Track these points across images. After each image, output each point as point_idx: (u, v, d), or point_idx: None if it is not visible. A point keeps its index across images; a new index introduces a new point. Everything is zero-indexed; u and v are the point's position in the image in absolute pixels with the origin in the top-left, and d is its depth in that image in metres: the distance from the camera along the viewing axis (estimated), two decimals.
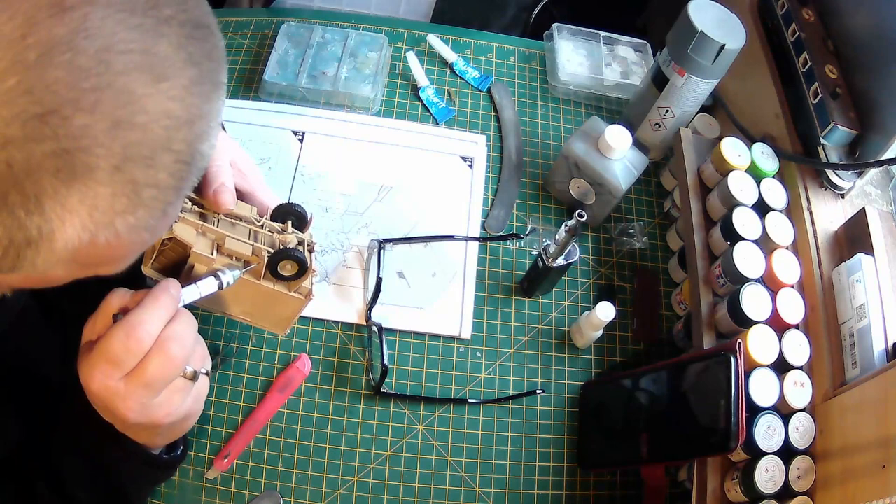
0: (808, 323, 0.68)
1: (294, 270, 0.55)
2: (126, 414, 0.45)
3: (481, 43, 1.00)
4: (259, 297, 0.57)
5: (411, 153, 0.88)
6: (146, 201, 0.33)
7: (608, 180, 0.78)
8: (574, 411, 0.76)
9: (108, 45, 0.30)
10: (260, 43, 0.95)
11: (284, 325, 0.61)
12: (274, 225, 0.58)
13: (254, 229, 0.57)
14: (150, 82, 0.31)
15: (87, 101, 0.29)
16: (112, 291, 0.47)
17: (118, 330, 0.44)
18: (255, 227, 0.57)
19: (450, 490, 0.70)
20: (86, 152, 0.30)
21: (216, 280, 0.52)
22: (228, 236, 0.54)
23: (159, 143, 0.32)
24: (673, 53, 0.77)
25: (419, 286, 0.79)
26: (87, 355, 0.45)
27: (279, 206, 0.59)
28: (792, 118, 0.79)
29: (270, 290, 0.56)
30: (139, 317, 0.44)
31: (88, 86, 0.29)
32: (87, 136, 0.30)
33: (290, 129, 0.87)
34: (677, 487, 0.72)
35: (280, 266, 0.55)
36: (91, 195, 0.31)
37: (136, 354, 0.44)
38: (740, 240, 0.69)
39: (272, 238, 0.57)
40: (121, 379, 0.44)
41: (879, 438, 0.55)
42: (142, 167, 0.32)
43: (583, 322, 0.76)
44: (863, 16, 0.74)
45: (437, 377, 0.75)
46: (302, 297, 0.58)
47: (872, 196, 0.74)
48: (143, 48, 0.31)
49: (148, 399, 0.46)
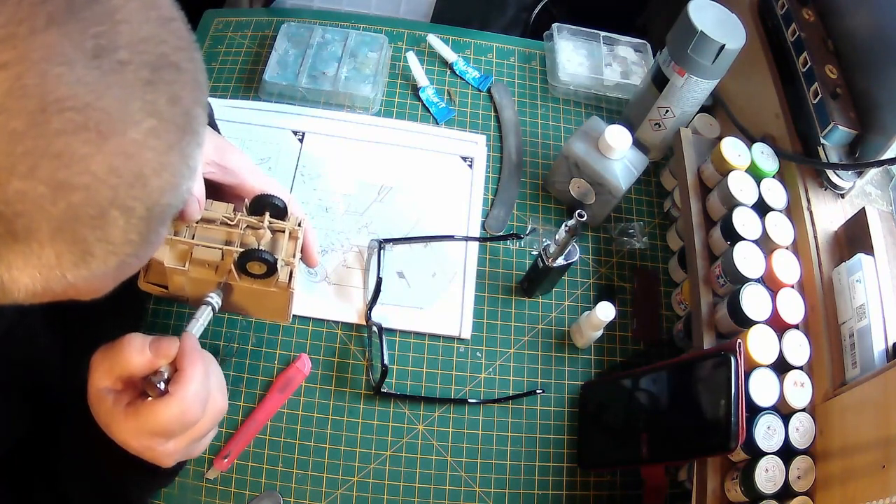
0: (808, 323, 0.68)
1: (263, 269, 0.55)
2: (167, 462, 0.47)
3: (481, 43, 1.00)
4: (245, 294, 0.58)
5: (411, 153, 0.88)
6: (100, 256, 0.32)
7: (608, 180, 0.78)
8: (574, 411, 0.76)
9: (44, 105, 0.27)
10: (260, 43, 0.95)
11: (283, 315, 0.62)
12: (250, 220, 0.57)
13: (226, 226, 0.57)
14: (93, 141, 0.29)
15: (22, 166, 0.28)
16: (128, 342, 0.46)
17: (172, 407, 0.45)
18: (229, 224, 0.57)
19: (450, 490, 0.70)
20: (23, 216, 0.29)
21: (210, 307, 0.54)
22: (196, 245, 0.54)
23: (107, 202, 0.30)
24: (673, 53, 0.77)
25: (419, 286, 0.79)
26: (124, 419, 0.45)
27: (255, 199, 0.58)
28: (792, 118, 0.79)
29: (250, 288, 0.57)
30: (189, 391, 0.46)
31: (23, 150, 0.28)
32: (24, 200, 0.28)
33: (290, 129, 0.87)
34: (677, 487, 0.72)
35: (249, 267, 0.55)
36: (34, 256, 0.30)
37: (189, 425, 0.46)
38: (740, 240, 0.69)
39: (247, 236, 0.57)
40: (169, 441, 0.46)
41: (879, 438, 0.55)
42: (89, 227, 0.31)
43: (583, 322, 0.76)
44: (863, 16, 0.74)
45: (437, 377, 0.75)
46: (284, 290, 0.57)
47: (872, 196, 0.74)
48: (85, 103, 0.28)
49: (193, 448, 0.48)
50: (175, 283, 0.56)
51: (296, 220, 0.59)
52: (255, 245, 0.56)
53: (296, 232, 0.58)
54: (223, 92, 0.90)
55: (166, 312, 0.75)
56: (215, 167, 0.58)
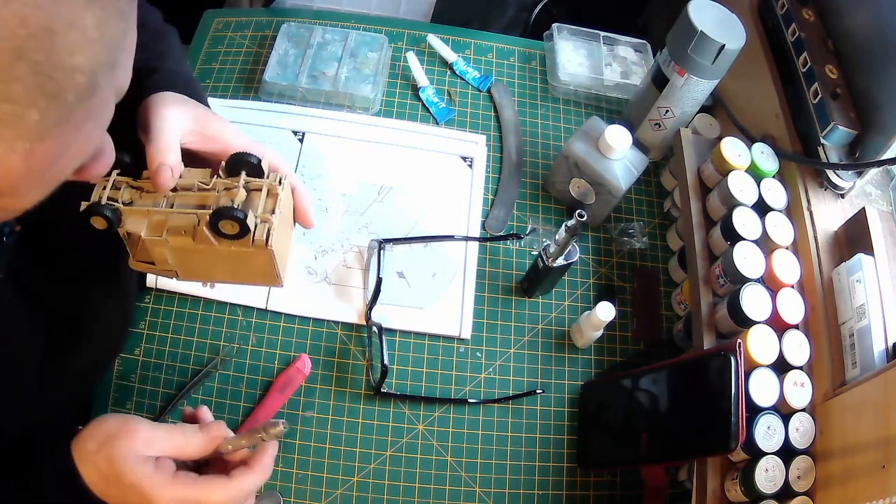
0: (808, 323, 0.68)
1: (237, 228, 0.53)
2: None
3: (481, 43, 1.00)
4: (228, 259, 0.57)
5: (411, 153, 0.88)
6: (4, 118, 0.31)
7: (608, 180, 0.78)
8: (574, 411, 0.76)
9: None
10: (260, 43, 0.95)
11: (272, 277, 0.60)
12: (227, 182, 0.56)
13: (202, 191, 0.56)
14: None
15: None
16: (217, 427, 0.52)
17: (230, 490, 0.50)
18: (204, 189, 0.56)
19: (450, 490, 0.70)
20: None
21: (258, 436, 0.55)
22: (172, 212, 0.54)
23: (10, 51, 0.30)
24: (673, 53, 0.77)
25: (419, 286, 0.79)
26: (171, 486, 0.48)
27: (230, 159, 0.57)
28: (792, 118, 0.79)
29: (230, 251, 0.55)
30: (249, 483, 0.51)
31: None
32: None
33: (290, 129, 0.87)
34: (677, 487, 0.72)
35: (221, 227, 0.53)
36: None
37: None
38: (740, 240, 0.69)
39: (222, 197, 0.55)
40: None
41: (879, 438, 0.55)
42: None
43: (583, 322, 0.76)
44: (863, 16, 0.74)
45: (437, 377, 0.75)
46: (262, 248, 0.55)
47: (872, 196, 0.74)
48: None
49: None
50: (157, 255, 0.55)
51: (275, 177, 0.57)
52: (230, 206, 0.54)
53: (274, 188, 0.56)
54: (223, 92, 0.90)
55: (163, 325, 0.75)
56: (195, 136, 0.56)
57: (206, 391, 0.72)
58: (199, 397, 0.71)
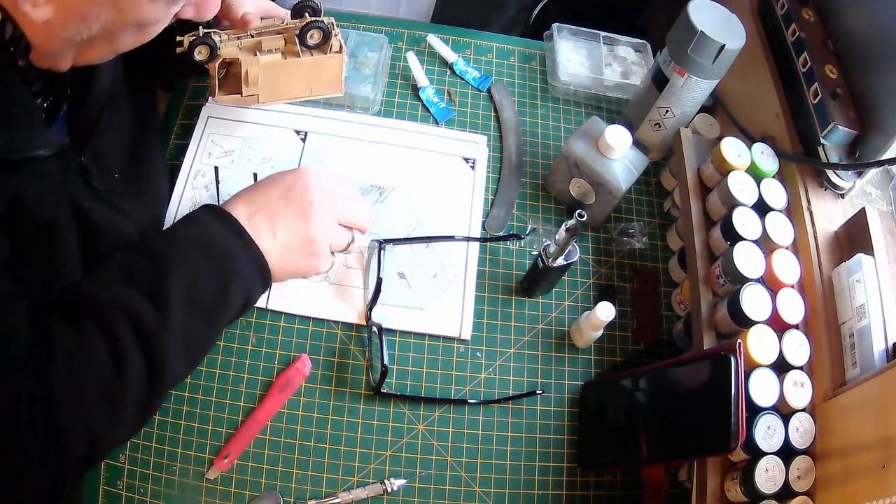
0: (808, 323, 0.68)
1: (320, 37, 0.71)
2: None
3: (481, 43, 1.00)
4: (306, 69, 0.74)
5: (414, 154, 0.88)
6: None
7: (608, 180, 0.78)
8: (574, 411, 0.76)
9: None
10: None
11: (338, 84, 0.78)
12: (295, 22, 0.72)
13: (279, 29, 0.72)
14: None
15: None
16: None
17: None
18: (280, 27, 0.72)
19: (450, 490, 0.71)
20: None
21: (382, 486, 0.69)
22: (263, 38, 0.71)
23: None
24: (673, 53, 0.77)
25: (420, 287, 0.79)
26: None
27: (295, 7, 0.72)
28: (792, 118, 0.79)
29: (311, 59, 0.73)
30: None
31: None
32: None
33: (293, 128, 0.87)
34: (677, 487, 0.72)
35: (308, 36, 0.71)
36: None
37: None
38: (740, 240, 0.69)
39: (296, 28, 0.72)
40: None
41: (879, 438, 0.55)
42: None
43: (583, 322, 0.76)
44: (863, 16, 0.74)
45: (437, 377, 0.75)
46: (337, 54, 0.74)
47: (872, 196, 0.74)
48: None
49: None
50: (250, 75, 0.71)
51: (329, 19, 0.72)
52: None
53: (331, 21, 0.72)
54: None
55: None
56: None
57: (206, 391, 0.72)
58: (198, 397, 0.71)
